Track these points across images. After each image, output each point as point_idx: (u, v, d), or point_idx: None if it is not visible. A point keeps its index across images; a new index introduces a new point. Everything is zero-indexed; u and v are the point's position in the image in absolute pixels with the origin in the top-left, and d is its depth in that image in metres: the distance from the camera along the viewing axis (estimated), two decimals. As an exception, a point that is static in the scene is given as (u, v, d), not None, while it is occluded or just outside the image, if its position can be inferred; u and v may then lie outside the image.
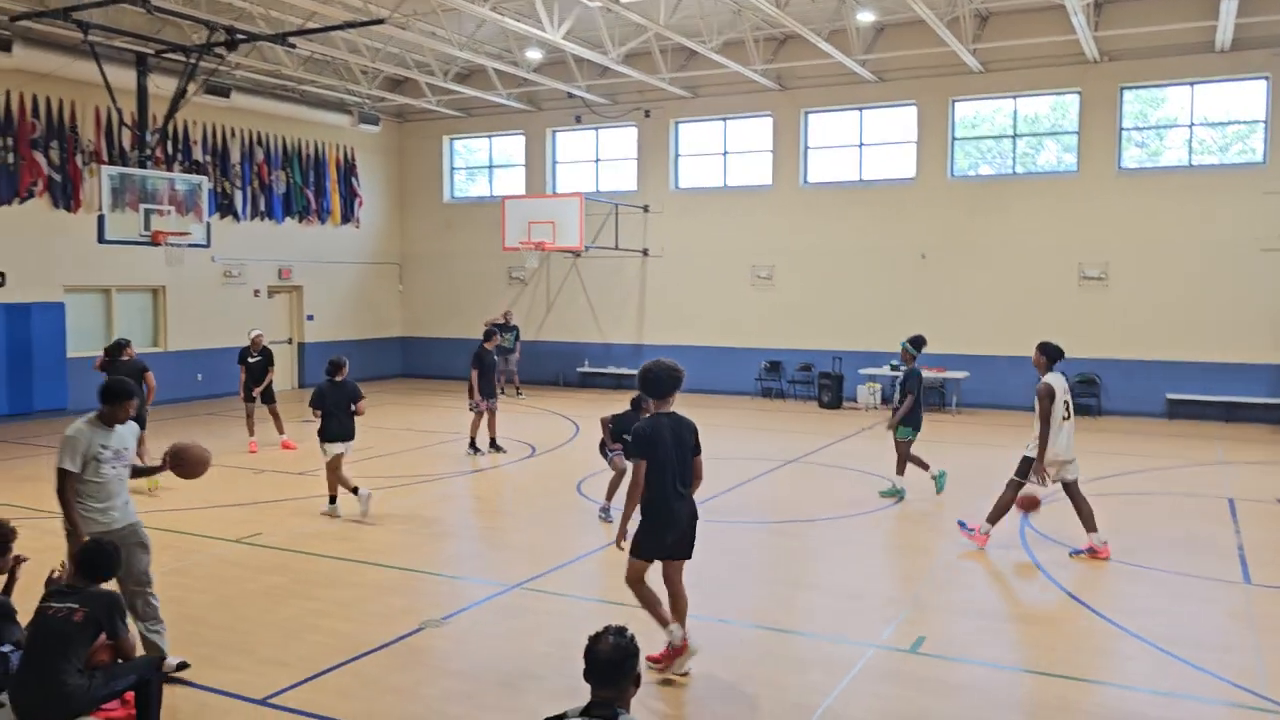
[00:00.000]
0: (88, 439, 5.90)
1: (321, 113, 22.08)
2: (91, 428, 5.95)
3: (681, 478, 6.16)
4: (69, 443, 5.87)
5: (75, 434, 5.89)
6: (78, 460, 5.85)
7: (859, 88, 19.88)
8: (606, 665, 3.32)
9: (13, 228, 17.17)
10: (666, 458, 6.07)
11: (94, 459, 5.89)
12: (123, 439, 6.08)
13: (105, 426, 5.99)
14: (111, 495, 5.99)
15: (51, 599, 4.65)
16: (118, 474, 6.04)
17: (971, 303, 19.34)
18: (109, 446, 5.96)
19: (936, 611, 7.62)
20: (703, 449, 6.29)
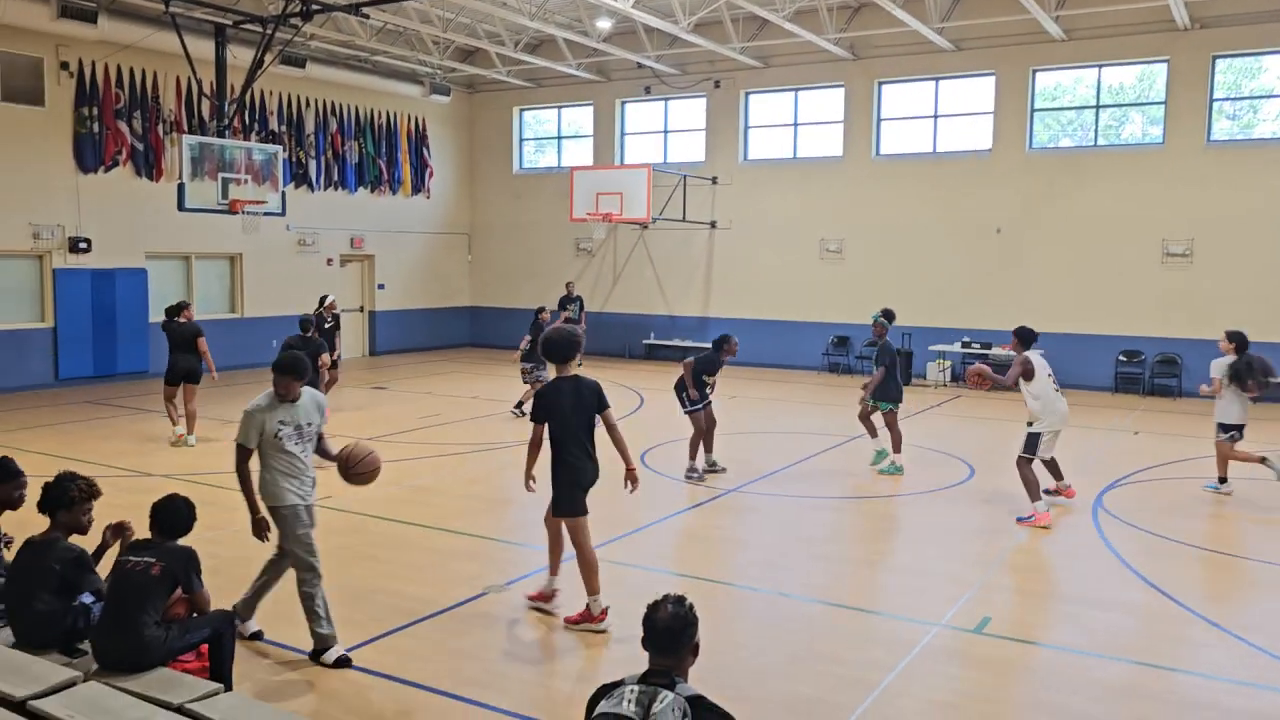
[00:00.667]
0: (264, 415, 5.80)
1: (394, 83, 22.29)
2: (268, 403, 5.84)
3: (588, 438, 6.62)
4: (246, 419, 5.81)
5: (253, 410, 5.81)
6: (253, 436, 5.79)
7: (935, 57, 19.41)
8: (665, 633, 3.31)
9: (98, 195, 17.69)
10: (567, 419, 6.51)
11: (274, 435, 5.81)
12: (305, 414, 5.93)
13: (283, 401, 5.86)
14: (301, 471, 5.92)
15: (130, 553, 4.81)
16: (303, 449, 5.94)
17: (1047, 279, 18.85)
18: (288, 422, 5.85)
19: (1003, 592, 7.49)
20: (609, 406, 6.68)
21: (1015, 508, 9.96)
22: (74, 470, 5.21)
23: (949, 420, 15.49)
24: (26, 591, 4.79)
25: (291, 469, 5.88)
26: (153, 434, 13.16)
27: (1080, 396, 17.88)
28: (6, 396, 16.08)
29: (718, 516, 9.66)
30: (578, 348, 6.71)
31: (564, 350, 6.62)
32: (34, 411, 14.79)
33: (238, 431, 5.85)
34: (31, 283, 17.15)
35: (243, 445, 5.82)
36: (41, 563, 4.80)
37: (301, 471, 5.93)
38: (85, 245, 17.48)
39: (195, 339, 12.32)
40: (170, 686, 4.43)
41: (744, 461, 11.96)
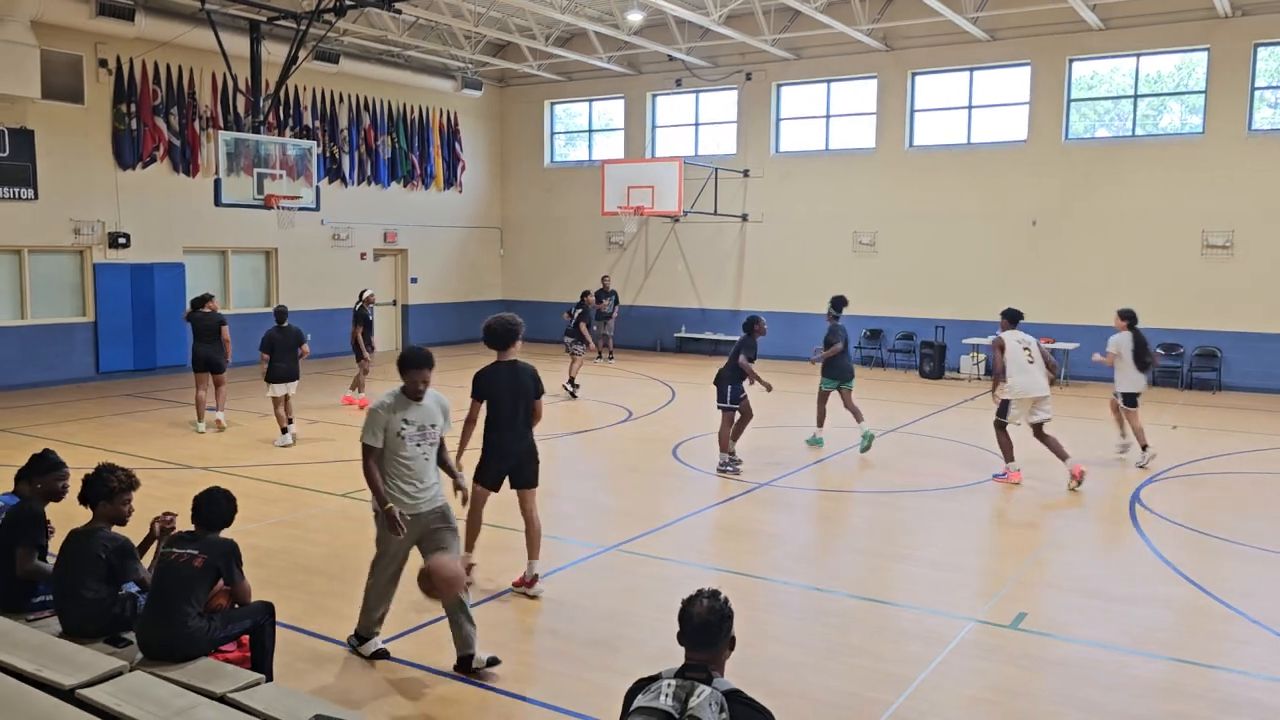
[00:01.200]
0: (388, 413, 5.56)
1: (426, 78, 22.41)
2: (394, 402, 5.60)
3: (521, 418, 7.02)
4: (370, 416, 5.59)
5: (377, 407, 5.59)
6: (378, 435, 5.55)
7: (970, 47, 19.21)
8: (701, 628, 3.32)
9: (136, 191, 17.94)
10: (501, 400, 6.95)
11: (397, 435, 5.56)
12: (429, 414, 5.69)
13: (409, 400, 5.62)
14: (419, 475, 5.66)
15: (173, 545, 4.89)
16: (423, 452, 5.69)
17: (1084, 271, 18.63)
18: (412, 422, 5.60)
19: (1039, 588, 7.43)
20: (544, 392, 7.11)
21: (1050, 503, 9.89)
22: (114, 462, 5.30)
23: (983, 414, 15.34)
24: (74, 580, 4.89)
25: (406, 473, 5.63)
26: (193, 426, 13.34)
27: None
28: (50, 390, 16.37)
29: (750, 510, 9.66)
30: (516, 335, 7.03)
31: (503, 338, 6.98)
32: (77, 404, 15.04)
33: (363, 429, 5.63)
34: (73, 278, 17.43)
35: (369, 444, 5.58)
36: (88, 551, 4.90)
37: (417, 477, 5.67)
38: (124, 240, 17.74)
39: (219, 328, 12.95)
40: (213, 676, 4.50)
41: (775, 455, 11.94)
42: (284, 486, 9.92)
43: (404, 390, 5.67)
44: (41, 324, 16.88)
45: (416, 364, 5.64)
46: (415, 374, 5.63)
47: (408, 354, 5.72)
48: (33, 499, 5.42)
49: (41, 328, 16.86)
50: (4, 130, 16.00)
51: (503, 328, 6.97)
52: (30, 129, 16.35)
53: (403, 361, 5.70)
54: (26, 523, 5.22)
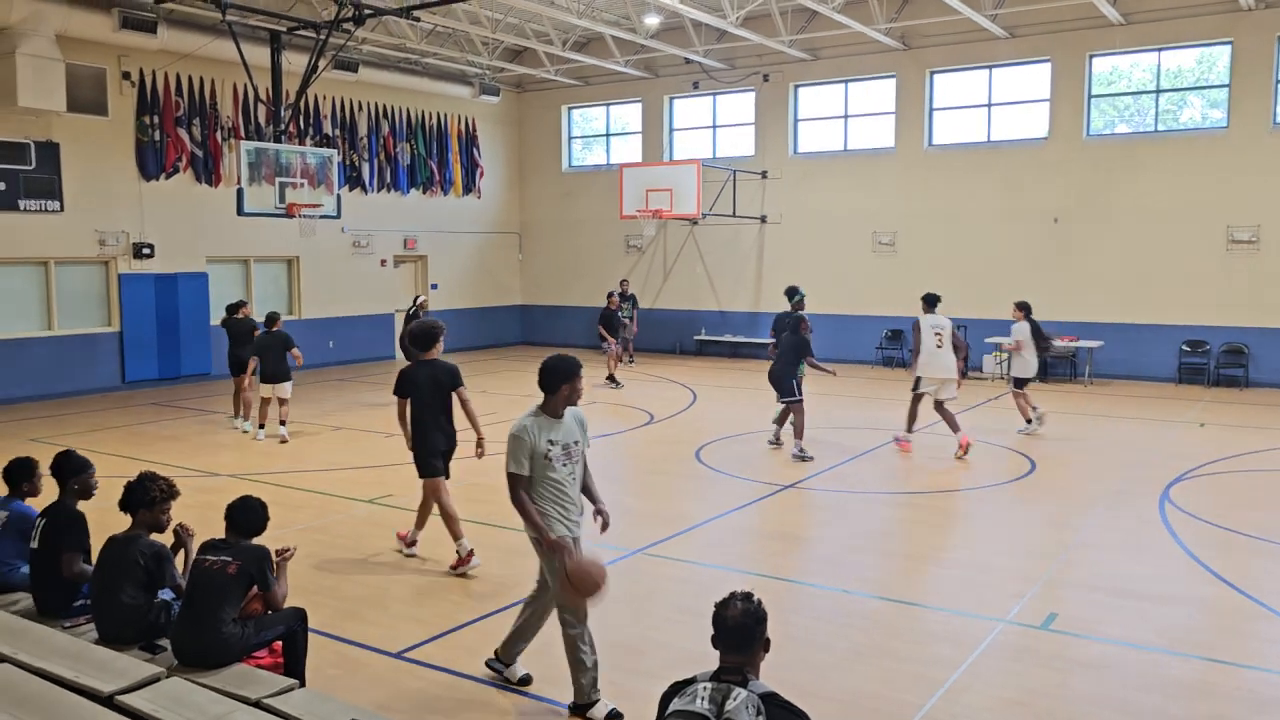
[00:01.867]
0: (533, 436, 5.18)
1: (444, 85, 22.51)
2: (536, 422, 5.22)
3: (440, 411, 7.70)
4: (514, 443, 5.16)
5: (519, 432, 5.16)
6: (524, 462, 5.16)
7: (988, 45, 19.13)
8: (736, 630, 3.32)
9: (159, 202, 18.10)
10: (422, 396, 7.65)
11: (544, 457, 5.19)
12: (570, 432, 5.31)
13: (550, 417, 5.26)
14: (569, 497, 5.30)
15: (206, 552, 4.93)
16: (570, 472, 5.31)
17: (1107, 268, 18.50)
18: (556, 441, 5.23)
19: (1069, 588, 7.38)
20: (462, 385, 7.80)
21: (1080, 502, 9.82)
22: (153, 471, 5.36)
23: (1008, 413, 15.27)
24: (112, 586, 4.94)
25: (559, 495, 5.26)
26: (218, 434, 13.45)
27: (1143, 388, 17.57)
28: (77, 399, 16.54)
29: (775, 512, 9.64)
30: (436, 338, 7.77)
31: (424, 340, 7.76)
32: (103, 414, 15.19)
33: (507, 458, 5.19)
34: (98, 288, 17.60)
35: (516, 474, 5.17)
36: (126, 558, 4.96)
37: (569, 498, 5.31)
38: (149, 251, 17.90)
39: (250, 333, 13.57)
40: (247, 682, 4.54)
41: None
42: (309, 493, 9.98)
43: (544, 408, 5.27)
44: (68, 334, 17.06)
45: (569, 375, 5.22)
46: (568, 386, 5.23)
47: (559, 364, 5.24)
48: (67, 499, 5.51)
49: (68, 338, 17.04)
50: (31, 143, 16.19)
51: (425, 331, 7.80)
52: (56, 142, 16.54)
53: (553, 373, 5.22)
54: (72, 525, 5.32)
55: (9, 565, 5.67)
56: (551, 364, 5.27)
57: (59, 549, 5.28)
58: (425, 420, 7.70)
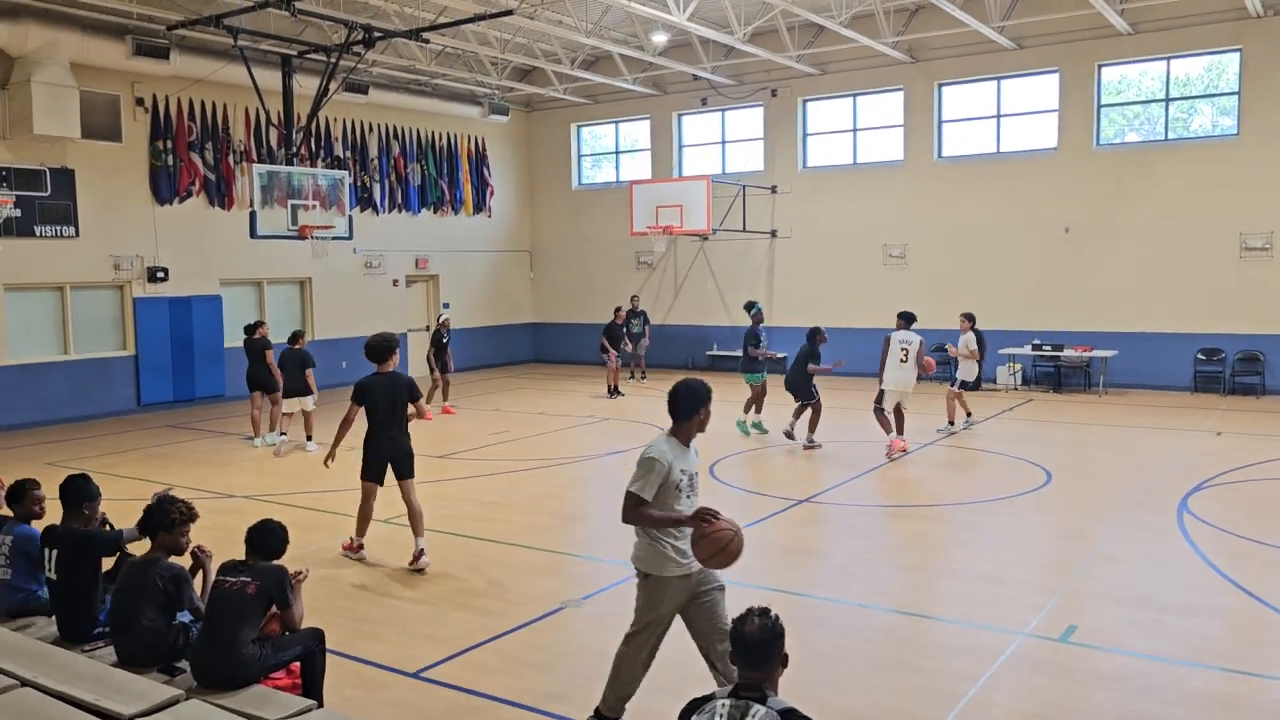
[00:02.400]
0: (669, 462, 4.83)
1: (453, 105, 22.65)
2: (673, 448, 4.91)
3: (395, 421, 8.10)
4: (649, 466, 4.81)
5: (657, 455, 4.83)
6: (653, 487, 4.79)
7: (996, 56, 19.14)
8: (754, 646, 3.32)
9: (174, 226, 18.24)
10: (375, 406, 8.08)
11: (674, 487, 4.86)
12: (693, 460, 5.04)
13: (683, 445, 4.98)
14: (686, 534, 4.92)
15: (226, 574, 4.95)
16: (693, 504, 4.97)
17: (1120, 277, 18.44)
18: (685, 471, 4.92)
19: (1088, 600, 7.33)
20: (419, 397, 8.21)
21: (1097, 513, 9.77)
22: (171, 493, 5.39)
23: (1023, 424, 15.22)
24: (132, 609, 4.96)
25: (680, 530, 4.91)
26: (234, 455, 13.51)
27: (1158, 397, 17.48)
28: (93, 423, 16.63)
29: (790, 527, 9.61)
30: (392, 350, 8.16)
31: (381, 352, 8.14)
32: (119, 437, 15.27)
33: (635, 479, 4.84)
34: (113, 312, 17.73)
35: (638, 495, 4.80)
36: (146, 581, 4.98)
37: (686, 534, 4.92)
38: (163, 274, 18.03)
39: (264, 352, 14.03)
40: (265, 703, 4.54)
41: (813, 470, 11.90)
42: (324, 513, 10.00)
43: (675, 434, 4.98)
44: (84, 358, 17.18)
45: (704, 399, 4.97)
46: (703, 411, 4.99)
47: (694, 388, 4.99)
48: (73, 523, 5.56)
49: (84, 362, 17.16)
50: (46, 170, 16.36)
51: (380, 343, 8.16)
52: (71, 168, 16.70)
53: (688, 398, 4.96)
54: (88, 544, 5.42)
55: (24, 590, 5.70)
56: (685, 389, 5.00)
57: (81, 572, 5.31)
58: (376, 428, 8.18)
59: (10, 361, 16.22)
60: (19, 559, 5.69)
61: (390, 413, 8.10)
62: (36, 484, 5.96)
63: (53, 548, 5.45)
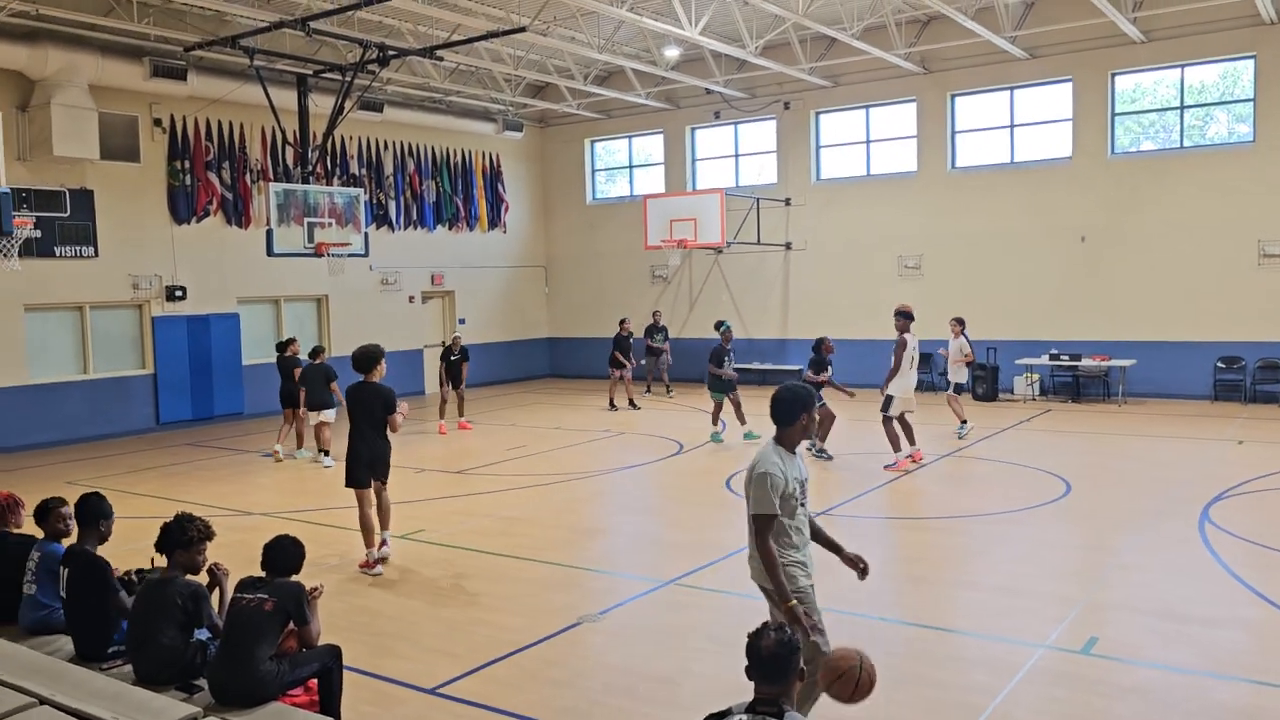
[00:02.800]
0: (783, 473, 4.68)
1: (468, 122, 22.79)
2: (783, 458, 4.75)
3: (370, 428, 8.59)
4: (765, 481, 4.63)
5: (770, 468, 4.65)
6: (776, 502, 4.65)
7: (1009, 66, 19.12)
8: (771, 661, 3.31)
9: (191, 244, 18.40)
10: (355, 414, 8.65)
11: (791, 498, 4.71)
12: (803, 468, 4.90)
13: (790, 453, 4.82)
14: (807, 541, 4.85)
15: (243, 590, 4.97)
16: (806, 514, 4.89)
17: (1137, 286, 18.33)
18: (799, 479, 4.80)
19: (1110, 611, 7.26)
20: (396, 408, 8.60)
21: (1117, 523, 9.68)
22: (189, 511, 5.41)
23: (1040, 435, 15.13)
24: (150, 627, 4.98)
25: (799, 540, 4.79)
26: (252, 473, 13.58)
27: (1178, 406, 17.34)
28: (113, 441, 16.74)
29: (808, 540, 9.56)
30: (376, 361, 8.69)
31: (364, 362, 8.70)
32: (138, 455, 15.37)
33: (755, 500, 4.68)
34: (133, 331, 17.87)
35: (769, 515, 4.63)
36: (164, 599, 5.00)
37: (806, 541, 4.83)
38: (181, 293, 18.17)
39: (293, 370, 14.43)
40: (283, 720, 4.55)
41: (829, 483, 11.85)
42: (341, 530, 10.02)
43: (780, 442, 4.80)
44: (103, 377, 17.31)
45: (807, 403, 4.79)
46: (806, 415, 4.80)
47: (796, 392, 4.80)
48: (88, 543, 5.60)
49: (103, 381, 17.29)
50: (65, 191, 16.53)
51: (364, 355, 8.72)
52: (90, 189, 16.88)
53: (790, 402, 4.78)
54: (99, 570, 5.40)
55: (48, 607, 5.74)
56: (788, 393, 4.81)
57: (90, 597, 5.35)
58: (354, 435, 8.68)
59: (31, 381, 16.35)
60: (44, 576, 5.74)
61: (366, 421, 8.63)
62: (62, 502, 5.99)
63: (66, 567, 5.50)
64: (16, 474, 13.72)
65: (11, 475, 13.61)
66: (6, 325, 16.03)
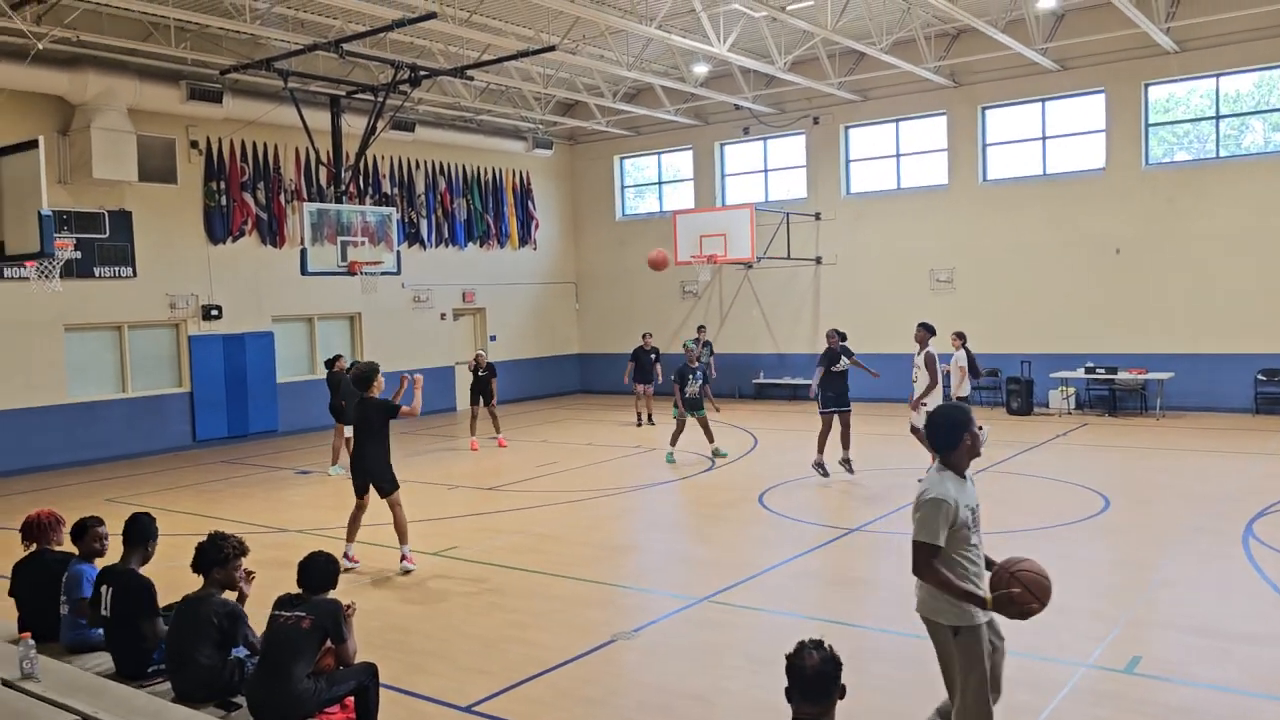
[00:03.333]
0: (954, 500, 4.38)
1: (498, 140, 22.95)
2: (954, 484, 4.45)
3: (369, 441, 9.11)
4: (934, 508, 4.35)
5: (941, 495, 4.36)
6: (941, 533, 4.33)
7: (1040, 78, 19.00)
8: (814, 680, 3.26)
9: (227, 264, 18.63)
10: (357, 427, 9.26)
11: (963, 527, 4.40)
12: (974, 493, 4.60)
13: (960, 478, 4.52)
14: (980, 573, 4.49)
15: (281, 608, 5.00)
16: (979, 540, 4.57)
17: (1174, 298, 18.08)
18: (970, 506, 4.48)
19: (1152, 629, 7.13)
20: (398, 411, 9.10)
21: (1158, 539, 9.53)
22: (222, 529, 5.45)
23: (1077, 449, 14.93)
24: (188, 646, 5.02)
25: (974, 568, 4.46)
26: (286, 490, 13.68)
27: (1219, 420, 17.07)
28: (150, 459, 16.94)
29: (843, 556, 9.49)
30: (372, 378, 9.19)
31: (363, 381, 9.21)
32: (175, 472, 15.54)
33: (919, 526, 4.40)
34: (170, 350, 18.10)
35: (930, 544, 4.34)
36: (201, 617, 5.04)
37: (981, 574, 4.49)
38: (217, 312, 18.39)
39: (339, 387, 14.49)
40: (321, 738, 4.56)
41: (865, 500, 11.76)
42: (376, 546, 10.06)
43: (948, 465, 4.52)
44: (141, 396, 17.53)
45: (967, 421, 4.52)
46: (968, 435, 4.51)
47: (954, 413, 4.56)
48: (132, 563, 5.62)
49: (141, 400, 17.51)
50: (105, 213, 16.81)
51: (360, 373, 9.27)
52: (128, 210, 17.15)
53: (951, 424, 4.52)
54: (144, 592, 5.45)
55: (80, 626, 5.77)
56: (943, 417, 4.58)
57: (132, 617, 5.38)
58: (356, 447, 9.35)
59: (71, 400, 16.59)
60: (71, 597, 5.76)
61: (365, 433, 9.12)
62: (99, 521, 6.05)
63: (108, 586, 5.54)
64: (56, 491, 13.92)
65: (51, 492, 13.81)
66: (47, 345, 16.29)
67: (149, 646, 5.38)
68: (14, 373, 15.85)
